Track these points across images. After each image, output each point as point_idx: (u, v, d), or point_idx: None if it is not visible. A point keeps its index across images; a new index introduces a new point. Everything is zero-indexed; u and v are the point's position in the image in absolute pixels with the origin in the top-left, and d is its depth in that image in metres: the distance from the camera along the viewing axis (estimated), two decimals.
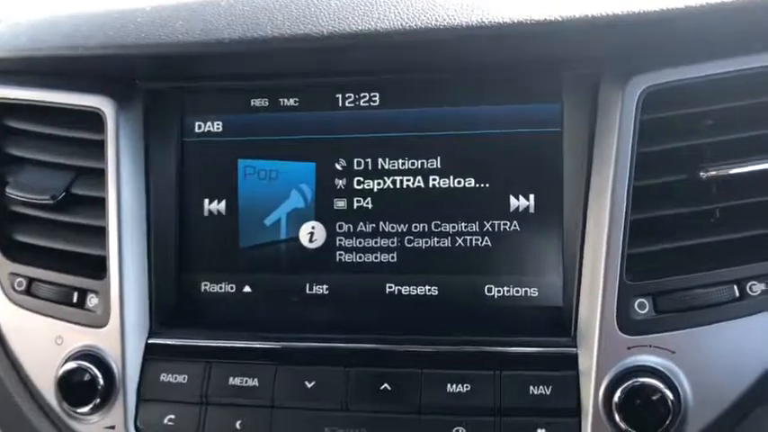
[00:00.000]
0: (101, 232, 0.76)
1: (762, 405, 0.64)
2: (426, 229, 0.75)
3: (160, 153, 0.79)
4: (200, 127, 0.80)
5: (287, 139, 0.78)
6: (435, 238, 0.75)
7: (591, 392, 0.65)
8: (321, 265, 0.77)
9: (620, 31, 0.65)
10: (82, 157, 0.78)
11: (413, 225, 0.76)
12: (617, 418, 0.63)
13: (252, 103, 0.79)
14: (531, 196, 0.74)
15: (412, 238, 0.76)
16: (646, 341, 0.65)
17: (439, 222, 0.75)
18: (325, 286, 0.77)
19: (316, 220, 0.77)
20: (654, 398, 0.63)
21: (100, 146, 0.77)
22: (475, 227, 0.74)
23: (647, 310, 0.66)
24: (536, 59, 0.72)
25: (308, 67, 0.75)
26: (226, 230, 0.79)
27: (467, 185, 0.75)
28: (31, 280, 0.78)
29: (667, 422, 0.62)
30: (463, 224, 0.75)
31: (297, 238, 0.78)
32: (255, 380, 0.70)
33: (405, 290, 0.76)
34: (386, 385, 0.68)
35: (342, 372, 0.69)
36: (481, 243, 0.74)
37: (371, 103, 0.77)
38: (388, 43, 0.68)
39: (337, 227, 0.77)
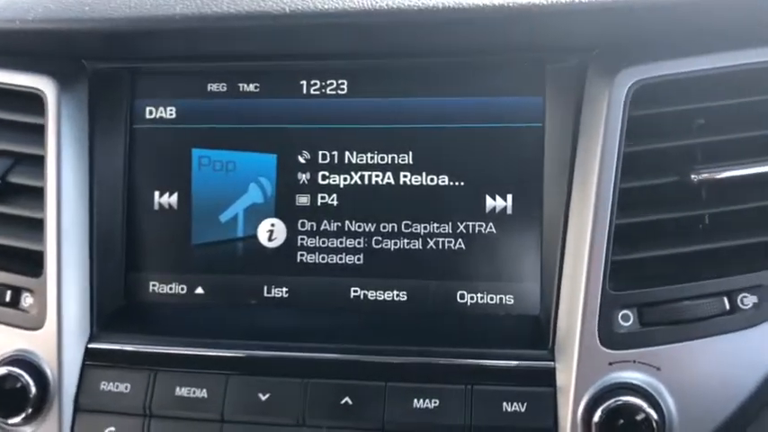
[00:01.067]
0: (38, 225, 0.72)
1: (750, 427, 0.63)
2: (395, 230, 0.72)
3: (106, 140, 0.75)
4: (151, 112, 0.76)
5: (246, 128, 0.75)
6: (405, 240, 0.72)
7: (569, 411, 0.63)
8: (281, 265, 0.74)
9: (610, 18, 0.63)
10: (20, 143, 0.74)
11: (381, 225, 0.73)
12: None
13: (209, 88, 0.76)
14: (509, 196, 0.71)
15: (380, 238, 0.72)
16: (629, 356, 0.62)
17: (409, 223, 0.72)
18: (284, 289, 0.74)
19: (276, 216, 0.74)
20: (637, 418, 0.60)
21: (40, 131, 0.73)
22: (448, 228, 0.72)
23: (631, 322, 0.63)
24: (518, 48, 0.70)
25: (271, 50, 0.72)
26: (177, 226, 0.75)
27: (440, 183, 0.72)
28: None
29: None
30: (435, 225, 0.72)
31: (255, 236, 0.74)
32: (204, 391, 0.67)
33: (371, 295, 0.72)
34: (347, 399, 0.65)
35: (299, 384, 0.66)
36: (454, 246, 0.71)
37: (339, 92, 0.74)
38: (359, 25, 0.65)
39: (299, 225, 0.73)
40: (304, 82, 0.74)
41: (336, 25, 0.64)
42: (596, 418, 0.61)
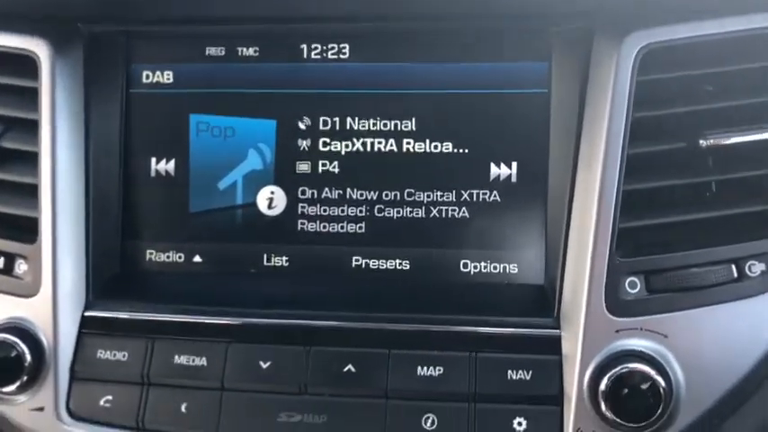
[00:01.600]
0: (33, 191, 0.71)
1: (756, 395, 0.63)
2: (398, 198, 0.72)
3: (102, 105, 0.74)
4: (148, 77, 0.76)
5: (245, 93, 0.74)
6: (408, 208, 0.72)
7: (575, 379, 0.63)
8: (281, 234, 0.74)
9: None
10: (13, 107, 0.73)
11: (383, 193, 0.72)
12: (603, 407, 0.61)
13: (207, 52, 0.75)
14: (514, 164, 0.71)
15: (382, 207, 0.72)
16: (636, 324, 0.63)
17: (412, 191, 0.72)
18: (284, 257, 0.74)
19: (275, 184, 0.74)
20: (643, 386, 0.60)
21: (34, 94, 0.72)
22: (451, 196, 0.72)
23: (638, 289, 0.63)
24: (522, 12, 0.70)
25: (271, 12, 0.72)
26: (175, 193, 0.75)
27: (444, 150, 0.72)
28: None
29: (658, 412, 0.60)
30: (439, 193, 0.72)
31: (254, 204, 0.74)
32: (204, 359, 0.67)
33: (373, 263, 0.73)
34: (350, 366, 0.65)
35: (301, 351, 0.66)
36: (458, 214, 0.72)
37: (341, 56, 0.73)
38: None
39: (299, 192, 0.73)
40: (305, 46, 0.73)
41: None
42: (602, 386, 0.61)
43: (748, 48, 0.65)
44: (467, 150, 0.71)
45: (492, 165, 0.71)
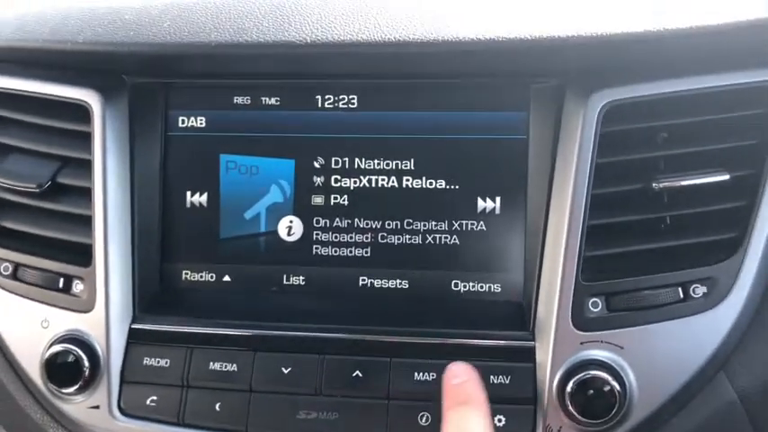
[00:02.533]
0: (86, 221, 0.77)
1: (698, 397, 0.69)
2: (398, 227, 0.78)
3: (144, 146, 0.80)
4: (183, 122, 0.82)
5: (268, 137, 0.80)
6: (407, 236, 0.78)
7: (546, 383, 0.69)
8: (298, 257, 0.80)
9: (583, 50, 0.69)
10: (68, 148, 0.79)
11: (386, 222, 0.79)
12: (569, 406, 0.67)
13: (234, 101, 0.81)
14: (498, 198, 0.77)
15: (385, 234, 0.79)
16: (597, 337, 0.69)
17: (411, 220, 0.78)
18: (301, 277, 0.80)
19: (294, 214, 0.80)
20: (603, 389, 0.67)
21: (86, 137, 0.78)
22: (444, 226, 0.78)
23: (599, 308, 0.70)
24: (505, 71, 0.75)
25: (291, 69, 0.77)
26: (207, 222, 0.81)
27: (438, 186, 0.78)
28: (17, 265, 0.79)
29: (614, 411, 0.67)
30: (433, 223, 0.78)
31: (275, 232, 0.80)
32: (235, 365, 0.73)
33: (377, 283, 0.79)
34: (357, 372, 0.71)
35: (316, 359, 0.72)
36: (449, 241, 0.78)
37: (350, 105, 0.79)
38: (367, 53, 0.71)
39: (314, 221, 0.79)
40: (319, 97, 0.79)
41: (349, 53, 0.71)
42: (569, 388, 0.67)
43: (696, 103, 0.70)
44: (457, 186, 0.77)
45: (479, 199, 0.77)
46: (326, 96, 0.80)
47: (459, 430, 0.60)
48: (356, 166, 0.79)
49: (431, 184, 0.78)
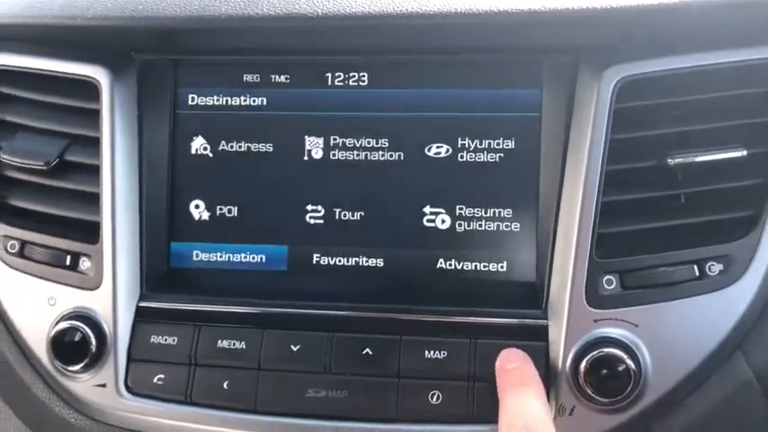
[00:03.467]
0: (94, 198, 0.77)
1: (714, 376, 0.69)
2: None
3: (153, 123, 0.80)
4: (192, 99, 0.81)
5: (277, 115, 0.80)
6: (414, 215, 0.78)
7: (559, 361, 0.68)
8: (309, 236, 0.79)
9: (596, 24, 0.69)
10: (76, 125, 0.79)
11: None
12: (583, 385, 0.67)
13: (244, 78, 0.80)
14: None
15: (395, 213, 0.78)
16: (611, 315, 0.68)
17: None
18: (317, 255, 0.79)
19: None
20: (617, 367, 0.66)
21: (94, 114, 0.78)
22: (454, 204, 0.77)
23: (613, 286, 0.69)
24: (518, 47, 0.75)
25: (301, 46, 0.77)
26: None
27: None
28: (23, 243, 0.79)
29: (628, 389, 0.66)
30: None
31: None
32: (243, 343, 0.73)
33: (382, 262, 0.79)
34: (367, 350, 0.71)
35: (326, 337, 0.72)
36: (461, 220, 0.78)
37: (360, 83, 0.79)
38: (378, 26, 0.70)
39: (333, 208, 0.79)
40: (329, 74, 0.78)
41: (360, 26, 0.70)
42: (582, 366, 0.66)
43: (712, 79, 0.69)
44: None
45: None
46: (337, 74, 0.79)
47: (520, 410, 0.61)
48: (366, 143, 0.78)
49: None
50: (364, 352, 0.71)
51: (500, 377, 0.66)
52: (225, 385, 0.72)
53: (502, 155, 0.77)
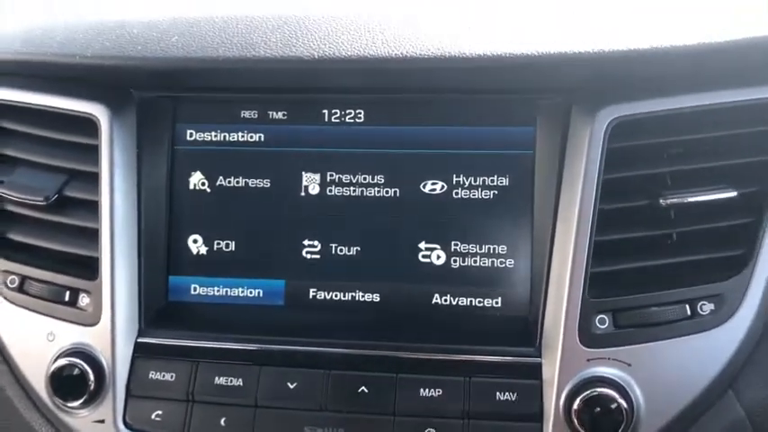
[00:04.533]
0: (93, 234, 0.77)
1: (705, 415, 0.69)
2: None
3: (152, 159, 0.81)
4: (191, 135, 0.82)
5: (275, 151, 0.81)
6: (408, 251, 0.78)
7: (553, 400, 0.69)
8: (308, 271, 0.80)
9: (588, 66, 0.70)
10: (75, 161, 0.80)
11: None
12: (576, 423, 0.68)
13: (242, 114, 0.81)
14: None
15: (386, 249, 0.79)
16: (605, 354, 0.69)
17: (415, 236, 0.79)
18: (312, 290, 0.80)
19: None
20: (610, 406, 0.67)
21: (93, 150, 0.78)
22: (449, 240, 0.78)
23: (606, 325, 0.70)
24: (511, 88, 0.76)
25: (298, 84, 0.78)
26: None
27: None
28: (23, 278, 0.80)
29: (621, 428, 0.67)
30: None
31: None
32: (240, 380, 0.73)
33: (376, 297, 0.79)
34: (363, 388, 0.71)
35: (322, 374, 0.72)
36: (455, 256, 0.78)
37: (356, 120, 0.80)
38: (374, 68, 0.71)
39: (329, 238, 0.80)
40: (326, 111, 0.79)
41: (356, 68, 0.71)
42: (575, 405, 0.67)
43: (705, 120, 0.71)
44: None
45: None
46: (333, 110, 0.80)
47: None
48: (363, 179, 0.79)
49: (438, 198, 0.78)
50: (360, 390, 0.72)
51: None
52: (222, 422, 0.73)
53: (496, 192, 0.78)
